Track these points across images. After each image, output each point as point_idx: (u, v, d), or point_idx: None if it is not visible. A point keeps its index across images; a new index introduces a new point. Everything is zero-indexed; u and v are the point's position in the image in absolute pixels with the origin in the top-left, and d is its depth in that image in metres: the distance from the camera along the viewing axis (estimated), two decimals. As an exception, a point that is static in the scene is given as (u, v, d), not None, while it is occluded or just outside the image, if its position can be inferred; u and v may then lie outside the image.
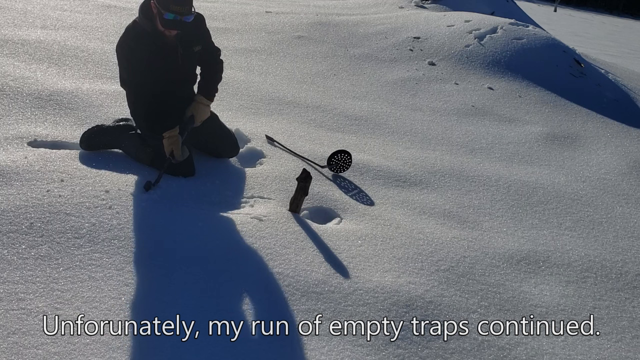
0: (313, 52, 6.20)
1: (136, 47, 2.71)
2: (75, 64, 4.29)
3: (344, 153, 3.26)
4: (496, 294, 2.48)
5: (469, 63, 6.36)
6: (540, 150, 4.56)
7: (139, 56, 2.73)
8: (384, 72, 5.95)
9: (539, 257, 2.87)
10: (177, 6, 2.58)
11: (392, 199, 3.17)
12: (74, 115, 3.31)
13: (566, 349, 2.24)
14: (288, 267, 2.30)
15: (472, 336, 2.19)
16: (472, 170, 3.81)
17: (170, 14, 2.58)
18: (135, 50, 2.72)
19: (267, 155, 3.32)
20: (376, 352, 2.01)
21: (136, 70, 2.76)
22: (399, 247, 2.64)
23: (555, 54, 6.79)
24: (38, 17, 5.54)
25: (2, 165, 2.55)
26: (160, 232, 2.38)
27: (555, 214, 3.42)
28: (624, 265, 2.96)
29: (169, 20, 2.61)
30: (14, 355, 1.71)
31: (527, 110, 5.53)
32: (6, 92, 3.41)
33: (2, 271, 2.00)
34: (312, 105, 4.52)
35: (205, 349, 1.88)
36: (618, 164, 4.51)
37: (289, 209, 2.74)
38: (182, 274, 2.18)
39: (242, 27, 6.78)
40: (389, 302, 2.24)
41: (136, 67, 2.75)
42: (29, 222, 2.23)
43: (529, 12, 12.07)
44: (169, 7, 2.58)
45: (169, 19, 2.60)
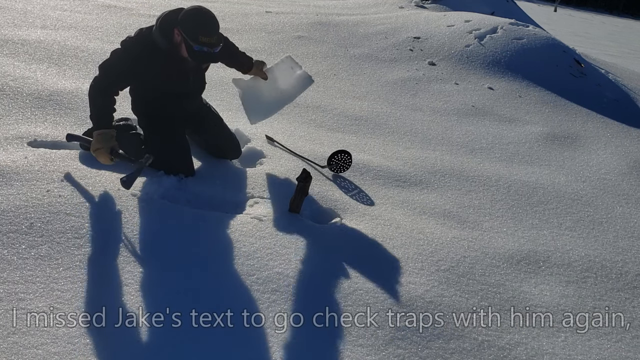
0: (313, 52, 6.20)
1: (148, 63, 2.59)
2: (75, 64, 4.29)
3: (344, 153, 3.26)
4: (496, 294, 2.48)
5: (469, 63, 6.36)
6: (540, 150, 4.56)
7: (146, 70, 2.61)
8: (384, 72, 5.95)
9: (539, 257, 2.86)
10: (206, 37, 2.46)
11: (392, 199, 3.17)
12: (74, 115, 3.31)
13: (566, 349, 2.24)
14: (288, 267, 2.30)
15: (472, 336, 2.19)
16: (472, 170, 3.81)
17: (200, 46, 2.45)
18: (148, 65, 2.60)
19: (267, 155, 3.31)
20: (376, 352, 2.01)
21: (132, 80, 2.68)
22: (399, 247, 2.64)
23: (555, 54, 6.78)
24: (38, 17, 5.54)
25: (2, 165, 2.55)
26: (160, 232, 2.38)
27: (555, 214, 3.42)
28: (624, 265, 2.96)
29: (199, 52, 2.48)
30: (14, 355, 1.71)
31: (527, 110, 5.53)
32: (6, 92, 3.41)
33: (2, 271, 2.00)
34: (312, 105, 4.52)
35: (205, 348, 1.87)
36: (618, 164, 4.51)
37: (289, 209, 2.74)
38: (181, 273, 2.18)
39: (242, 27, 6.78)
40: (389, 302, 2.24)
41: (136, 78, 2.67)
42: (29, 222, 2.23)
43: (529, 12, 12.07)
44: (198, 38, 2.44)
45: (198, 50, 2.47)
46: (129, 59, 2.58)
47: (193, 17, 2.49)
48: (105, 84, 2.58)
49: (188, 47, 2.49)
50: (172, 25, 2.53)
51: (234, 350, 1.90)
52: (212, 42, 2.49)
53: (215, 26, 2.53)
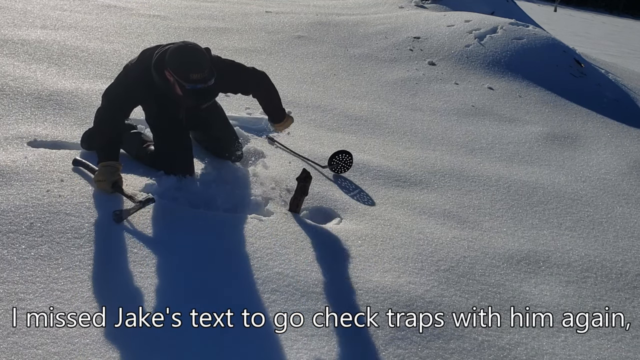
0: (313, 52, 6.20)
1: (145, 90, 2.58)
2: (75, 64, 4.29)
3: (345, 153, 3.26)
4: (496, 294, 2.48)
5: (469, 63, 6.36)
6: (540, 150, 4.56)
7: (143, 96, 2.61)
8: (384, 72, 5.95)
9: (539, 257, 2.86)
10: (196, 74, 2.37)
11: (392, 199, 3.17)
12: (74, 115, 3.31)
13: (566, 349, 2.24)
14: (288, 267, 2.30)
15: (472, 336, 2.19)
16: (472, 170, 3.81)
17: (192, 84, 2.37)
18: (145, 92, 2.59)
19: (267, 155, 3.31)
20: (376, 352, 2.01)
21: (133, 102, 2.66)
22: (399, 247, 2.64)
23: (555, 54, 6.79)
24: (38, 17, 5.54)
25: (2, 165, 2.54)
26: (160, 232, 2.38)
27: (555, 214, 3.42)
28: (624, 265, 2.96)
29: (194, 91, 2.40)
30: (14, 355, 1.71)
31: (527, 110, 5.53)
32: (6, 92, 3.40)
33: (2, 271, 2.00)
34: (312, 105, 4.51)
35: (205, 348, 1.87)
36: (618, 164, 4.51)
37: (289, 209, 2.74)
38: (181, 273, 2.18)
39: (242, 27, 6.78)
40: (389, 302, 2.24)
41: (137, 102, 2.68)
42: (29, 222, 2.23)
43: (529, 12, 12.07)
44: (189, 77, 2.36)
45: (192, 89, 2.39)
46: (130, 84, 2.57)
47: (179, 57, 2.41)
48: (109, 113, 2.57)
49: (181, 87, 2.42)
50: (163, 67, 2.47)
51: (234, 350, 1.90)
52: (204, 77, 2.40)
53: (203, 59, 2.43)
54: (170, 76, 2.43)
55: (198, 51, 2.46)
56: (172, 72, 2.41)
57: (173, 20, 6.67)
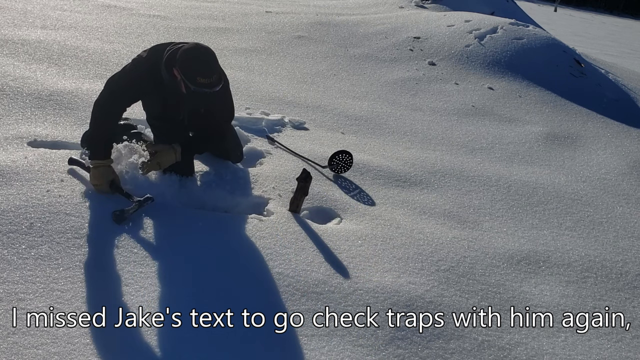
0: (313, 52, 6.20)
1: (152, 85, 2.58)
2: (75, 64, 4.29)
3: (345, 153, 3.26)
4: (496, 294, 2.48)
5: (469, 63, 6.36)
6: (540, 150, 4.56)
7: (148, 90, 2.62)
8: (384, 72, 5.95)
9: (539, 257, 2.86)
10: (204, 79, 2.38)
11: (393, 199, 3.17)
12: (74, 115, 3.31)
13: (566, 349, 2.24)
14: (288, 267, 2.30)
15: (472, 336, 2.19)
16: (472, 170, 3.81)
17: (197, 87, 2.38)
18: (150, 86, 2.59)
19: (267, 155, 3.31)
20: (376, 352, 2.01)
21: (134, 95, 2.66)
22: (399, 247, 2.64)
23: (555, 54, 6.79)
24: (38, 17, 5.54)
25: (2, 165, 2.54)
26: (159, 232, 2.38)
27: (555, 214, 3.42)
28: (624, 265, 2.96)
29: (195, 93, 2.42)
30: (14, 355, 1.71)
31: (527, 110, 5.53)
32: (6, 92, 3.41)
33: (2, 271, 2.00)
34: (312, 105, 4.51)
35: (205, 348, 1.87)
36: (618, 164, 4.51)
37: (289, 209, 2.74)
38: (181, 273, 2.18)
39: (242, 27, 6.78)
40: (389, 302, 2.24)
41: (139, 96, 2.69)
42: (29, 222, 2.23)
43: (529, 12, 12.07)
44: (196, 80, 2.37)
45: (195, 91, 2.40)
46: (135, 77, 2.56)
47: (190, 59, 2.42)
48: (109, 104, 2.55)
49: (187, 88, 2.44)
50: (172, 65, 2.48)
51: (234, 350, 1.90)
52: (211, 83, 2.40)
53: (213, 66, 2.44)
54: (178, 74, 2.43)
55: (210, 55, 2.46)
56: (180, 71, 2.41)
57: (173, 20, 6.67)
